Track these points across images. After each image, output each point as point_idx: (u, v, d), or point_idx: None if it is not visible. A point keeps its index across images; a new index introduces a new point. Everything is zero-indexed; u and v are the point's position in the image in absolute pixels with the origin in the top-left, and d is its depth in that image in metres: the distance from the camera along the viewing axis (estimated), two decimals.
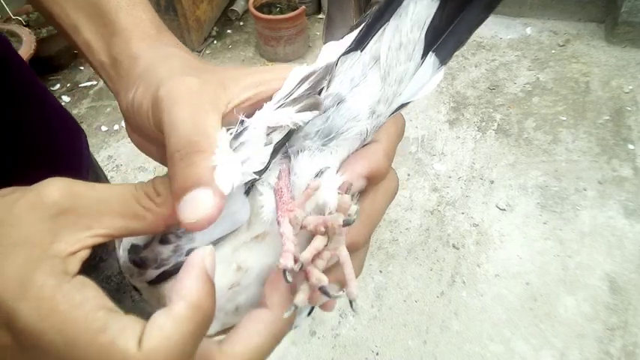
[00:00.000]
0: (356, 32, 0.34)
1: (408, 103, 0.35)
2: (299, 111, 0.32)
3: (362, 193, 0.35)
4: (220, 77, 0.35)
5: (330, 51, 0.35)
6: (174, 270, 0.33)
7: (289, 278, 0.30)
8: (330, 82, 0.34)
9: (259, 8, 2.80)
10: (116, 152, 2.42)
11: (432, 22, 0.33)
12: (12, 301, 0.26)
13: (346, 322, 1.76)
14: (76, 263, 0.28)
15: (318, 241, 0.31)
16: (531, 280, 1.82)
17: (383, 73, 0.34)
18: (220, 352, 0.30)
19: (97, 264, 0.73)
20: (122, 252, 0.35)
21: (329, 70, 0.34)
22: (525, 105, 2.47)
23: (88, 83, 2.81)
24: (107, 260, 0.75)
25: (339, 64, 0.34)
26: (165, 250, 0.33)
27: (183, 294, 0.27)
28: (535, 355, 1.63)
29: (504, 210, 2.05)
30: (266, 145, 0.32)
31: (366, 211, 0.35)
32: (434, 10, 0.33)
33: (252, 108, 0.34)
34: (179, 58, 0.38)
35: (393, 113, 0.36)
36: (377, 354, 1.68)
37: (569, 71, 2.62)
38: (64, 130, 0.69)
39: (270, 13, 2.82)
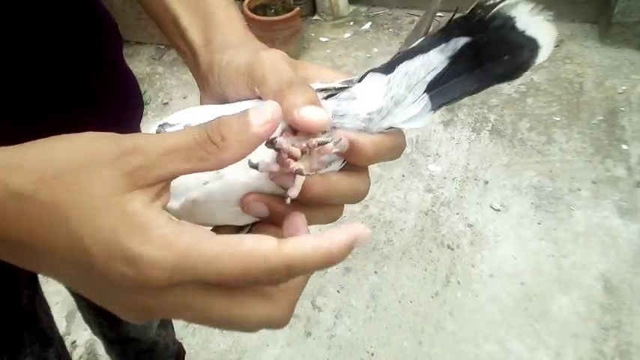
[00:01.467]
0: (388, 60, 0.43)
1: (396, 128, 0.42)
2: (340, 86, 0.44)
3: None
4: (296, 62, 0.45)
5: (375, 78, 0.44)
6: None
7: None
8: (354, 83, 0.43)
9: (254, 10, 2.80)
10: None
11: (438, 72, 0.41)
12: (137, 247, 0.30)
13: (341, 323, 1.76)
14: (166, 199, 0.34)
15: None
16: (526, 280, 1.82)
17: (387, 90, 0.41)
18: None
19: None
20: (155, 124, 0.42)
21: (355, 80, 0.43)
22: (519, 106, 2.47)
23: None
24: None
25: (367, 76, 0.43)
26: None
27: (331, 241, 0.33)
28: (530, 354, 1.64)
29: (499, 210, 2.05)
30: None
31: (339, 183, 0.40)
32: (443, 66, 0.41)
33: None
34: (261, 43, 0.48)
35: (385, 129, 0.41)
36: (372, 354, 1.68)
37: (563, 72, 2.63)
38: (127, 96, 0.76)
39: (264, 14, 2.82)
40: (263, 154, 0.37)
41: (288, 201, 0.37)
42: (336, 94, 0.42)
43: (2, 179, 0.31)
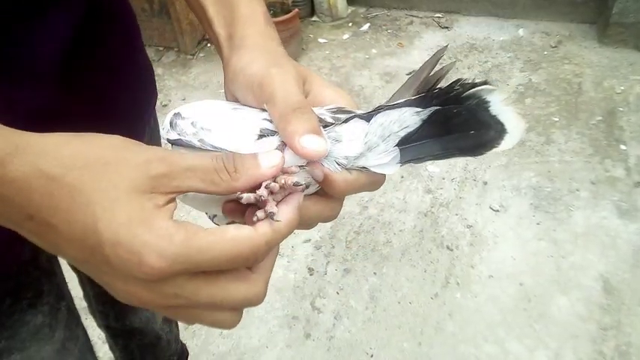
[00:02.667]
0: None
1: (367, 168, 0.46)
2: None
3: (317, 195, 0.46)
4: (305, 73, 0.50)
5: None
6: (183, 143, 0.44)
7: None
8: (340, 122, 0.47)
9: None
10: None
11: (410, 131, 0.45)
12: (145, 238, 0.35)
13: (341, 324, 1.76)
14: (174, 207, 0.38)
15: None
16: (525, 280, 1.82)
17: (366, 134, 0.45)
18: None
19: None
20: (173, 110, 0.46)
21: (341, 120, 0.47)
22: (518, 106, 2.48)
23: None
24: None
25: (353, 120, 0.46)
26: (189, 130, 0.45)
27: (284, 216, 0.40)
28: (529, 355, 1.63)
29: (498, 211, 2.05)
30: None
31: (309, 208, 0.45)
32: (416, 126, 0.44)
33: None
34: (276, 49, 0.51)
35: (359, 168, 0.46)
36: (371, 356, 1.68)
37: (562, 72, 2.63)
38: (142, 84, 0.80)
39: None
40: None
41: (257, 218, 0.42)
42: (327, 125, 0.46)
43: (33, 161, 0.36)
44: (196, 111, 0.47)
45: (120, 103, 0.73)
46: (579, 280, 1.80)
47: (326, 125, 0.46)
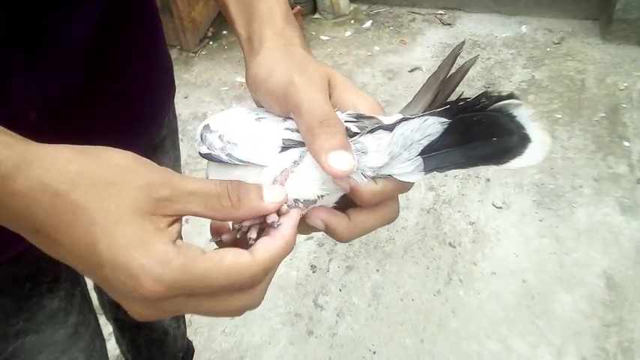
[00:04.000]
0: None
1: (392, 176, 0.45)
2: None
3: (358, 208, 0.46)
4: (329, 74, 0.49)
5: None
6: (213, 157, 0.45)
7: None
8: (365, 132, 0.46)
9: None
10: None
11: (432, 139, 0.44)
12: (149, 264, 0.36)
13: (343, 322, 1.77)
14: (175, 231, 0.38)
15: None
16: (528, 277, 1.82)
17: (388, 144, 0.45)
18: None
19: None
20: (203, 122, 0.47)
21: (366, 131, 0.46)
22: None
23: None
24: None
25: (377, 131, 0.46)
26: (217, 144, 0.45)
27: (283, 234, 0.40)
28: (532, 352, 1.63)
29: (500, 208, 2.05)
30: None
31: (356, 221, 0.46)
32: (438, 133, 0.44)
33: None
34: (296, 51, 0.50)
35: (384, 176, 0.45)
36: (374, 353, 1.68)
37: (565, 69, 2.62)
38: (161, 77, 0.81)
39: None
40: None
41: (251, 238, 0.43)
42: (353, 135, 0.46)
43: (40, 175, 0.36)
44: (223, 123, 0.47)
45: (142, 92, 0.74)
46: (582, 277, 1.80)
47: (351, 135, 0.45)
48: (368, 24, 3.14)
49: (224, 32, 3.16)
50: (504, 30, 2.93)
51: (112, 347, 1.49)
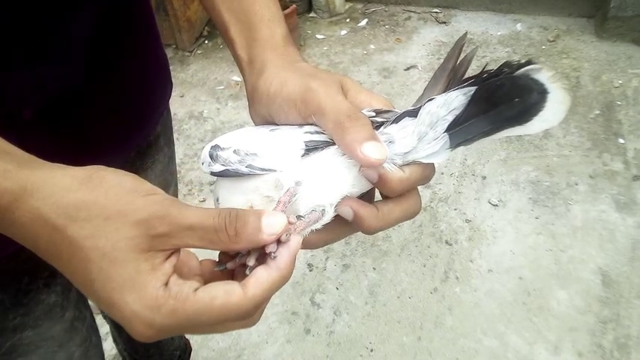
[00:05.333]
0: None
1: (421, 162, 0.46)
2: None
3: (385, 198, 0.48)
4: (341, 80, 0.50)
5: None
6: (230, 173, 0.45)
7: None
8: (390, 121, 0.48)
9: None
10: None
11: (458, 113, 0.45)
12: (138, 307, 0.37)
13: (340, 320, 1.77)
14: (170, 266, 0.39)
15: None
16: (524, 274, 1.82)
17: (416, 125, 0.46)
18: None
19: None
20: (207, 145, 0.46)
21: (392, 120, 0.48)
22: None
23: None
24: None
25: (403, 119, 0.47)
26: (233, 159, 0.45)
27: (279, 266, 0.40)
28: (529, 348, 1.64)
29: (496, 205, 2.05)
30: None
31: (383, 212, 0.46)
32: (462, 106, 0.45)
33: None
34: (304, 66, 0.52)
35: (408, 162, 0.46)
36: (371, 350, 1.68)
37: (560, 66, 2.63)
38: (157, 75, 0.81)
39: None
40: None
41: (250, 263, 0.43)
42: (378, 126, 0.47)
43: (38, 208, 0.37)
44: (235, 139, 0.47)
45: (139, 92, 0.75)
46: (578, 274, 1.81)
47: (376, 127, 0.46)
48: (363, 22, 3.14)
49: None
50: (499, 28, 2.94)
51: (109, 347, 1.49)
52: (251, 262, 0.41)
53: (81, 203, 0.37)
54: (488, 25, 2.96)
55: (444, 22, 3.05)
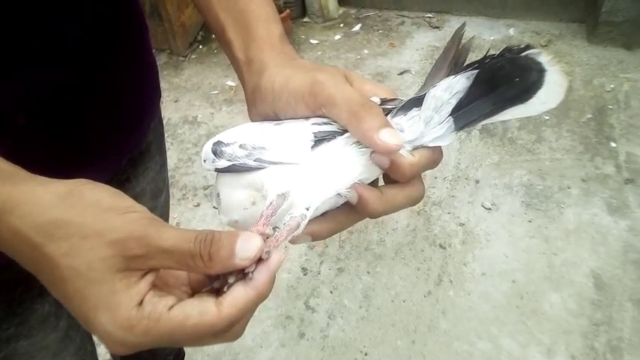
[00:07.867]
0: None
1: (427, 146, 0.47)
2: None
3: (391, 182, 0.48)
4: (344, 72, 0.51)
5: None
6: (237, 168, 0.45)
7: None
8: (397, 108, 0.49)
9: None
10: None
11: (461, 96, 0.46)
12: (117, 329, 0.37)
13: (335, 324, 1.77)
14: (146, 284, 0.38)
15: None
16: (517, 277, 1.83)
17: (422, 110, 0.47)
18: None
19: None
20: (208, 141, 0.46)
21: (398, 106, 0.49)
22: None
23: None
24: None
25: (412, 110, 0.48)
26: (240, 153, 0.45)
27: (256, 285, 0.39)
28: (522, 351, 1.65)
29: (490, 209, 2.06)
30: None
31: (387, 196, 0.46)
32: (465, 89, 0.46)
33: None
34: (303, 62, 0.52)
35: (416, 147, 0.47)
36: (365, 354, 1.69)
37: None
38: (147, 82, 0.81)
39: None
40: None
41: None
42: (387, 113, 0.47)
43: (18, 226, 0.37)
44: (239, 134, 0.47)
45: (130, 96, 0.75)
46: (571, 277, 1.82)
47: (386, 114, 0.47)
48: (357, 27, 3.15)
49: (214, 36, 3.16)
50: (492, 33, 2.96)
51: (103, 351, 1.49)
52: (231, 279, 0.41)
53: (59, 221, 0.37)
54: (481, 29, 2.98)
55: (438, 27, 3.07)
